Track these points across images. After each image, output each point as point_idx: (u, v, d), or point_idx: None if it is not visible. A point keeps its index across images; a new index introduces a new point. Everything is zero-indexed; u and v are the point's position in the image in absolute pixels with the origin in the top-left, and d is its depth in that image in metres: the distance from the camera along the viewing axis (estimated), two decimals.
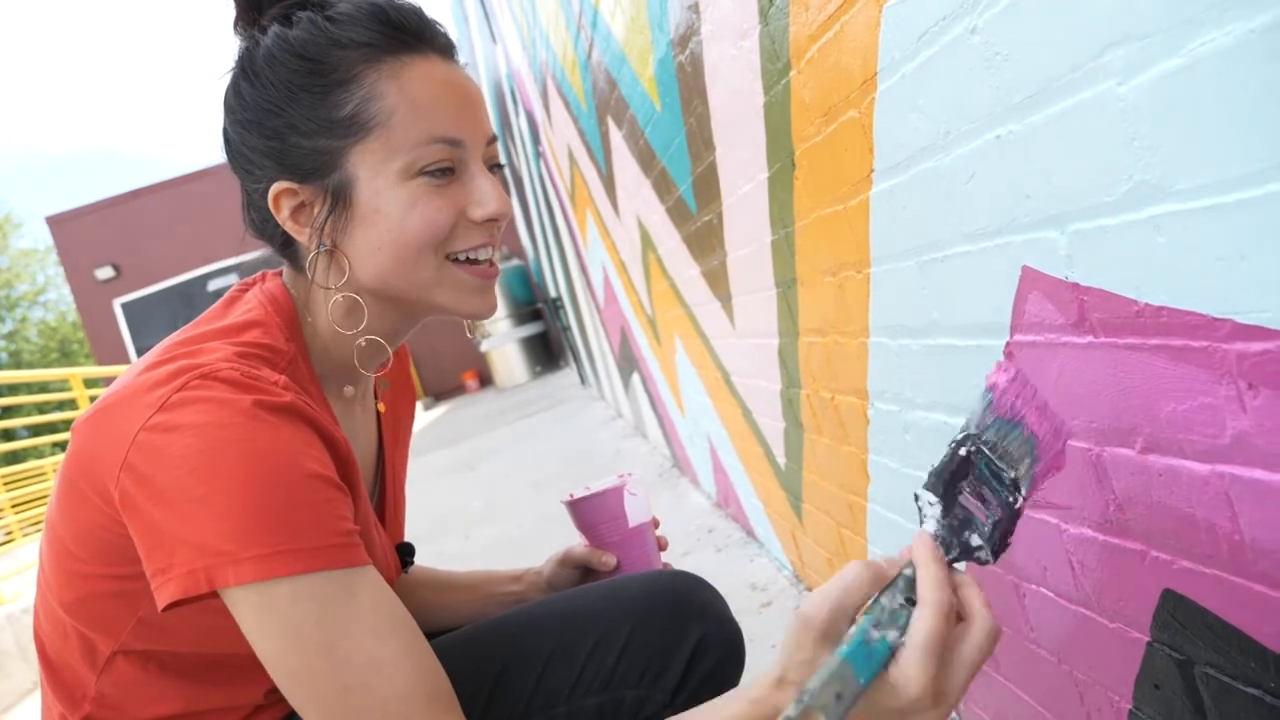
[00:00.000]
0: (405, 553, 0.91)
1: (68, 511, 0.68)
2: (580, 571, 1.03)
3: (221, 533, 0.59)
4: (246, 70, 0.73)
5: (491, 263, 0.77)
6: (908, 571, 0.55)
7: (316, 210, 0.73)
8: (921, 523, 0.58)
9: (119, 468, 0.62)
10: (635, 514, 0.97)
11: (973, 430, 0.60)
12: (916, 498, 0.59)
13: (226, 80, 0.75)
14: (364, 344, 0.77)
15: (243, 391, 0.63)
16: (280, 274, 0.80)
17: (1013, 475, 0.59)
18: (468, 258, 0.75)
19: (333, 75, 0.70)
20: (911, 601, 0.52)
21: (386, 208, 0.71)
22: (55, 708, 0.75)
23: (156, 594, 0.61)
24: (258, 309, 0.74)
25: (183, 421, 0.61)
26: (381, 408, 0.89)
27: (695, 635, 0.89)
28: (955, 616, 0.51)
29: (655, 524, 1.03)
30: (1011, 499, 0.58)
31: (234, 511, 0.59)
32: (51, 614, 0.73)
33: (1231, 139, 0.52)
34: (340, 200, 0.72)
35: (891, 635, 0.51)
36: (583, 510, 0.98)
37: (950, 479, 0.58)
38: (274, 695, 0.77)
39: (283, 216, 0.73)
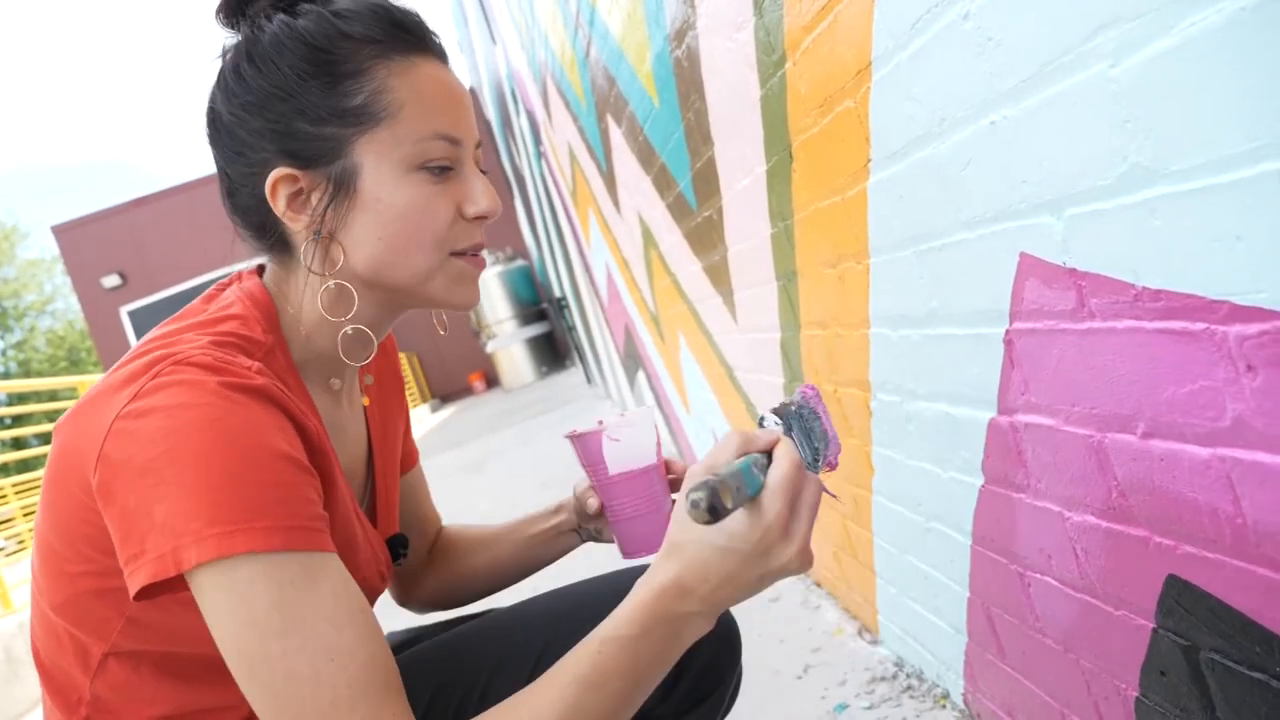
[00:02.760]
0: (399, 544, 0.91)
1: (52, 511, 0.69)
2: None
3: (188, 512, 0.59)
4: (251, 55, 0.73)
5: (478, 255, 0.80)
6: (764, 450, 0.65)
7: (316, 197, 0.73)
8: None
9: (96, 460, 0.62)
10: (617, 461, 0.88)
11: (793, 405, 0.71)
12: (762, 420, 0.69)
13: (223, 63, 0.75)
14: (350, 332, 0.77)
15: (212, 373, 0.64)
16: (257, 272, 0.81)
17: (813, 449, 0.71)
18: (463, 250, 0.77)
19: (344, 66, 0.72)
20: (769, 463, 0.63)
21: (389, 197, 0.72)
22: (55, 714, 0.75)
23: (129, 582, 0.60)
24: (235, 304, 0.75)
25: (153, 406, 0.62)
26: (366, 401, 0.89)
27: None
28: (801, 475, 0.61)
29: (663, 468, 0.92)
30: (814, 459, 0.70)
31: (200, 489, 0.59)
32: (44, 618, 0.73)
33: (1225, 119, 0.52)
34: (343, 188, 0.72)
35: (761, 478, 0.61)
36: (575, 449, 0.91)
37: (785, 419, 0.69)
38: None
39: (278, 203, 0.73)
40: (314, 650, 0.59)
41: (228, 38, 0.76)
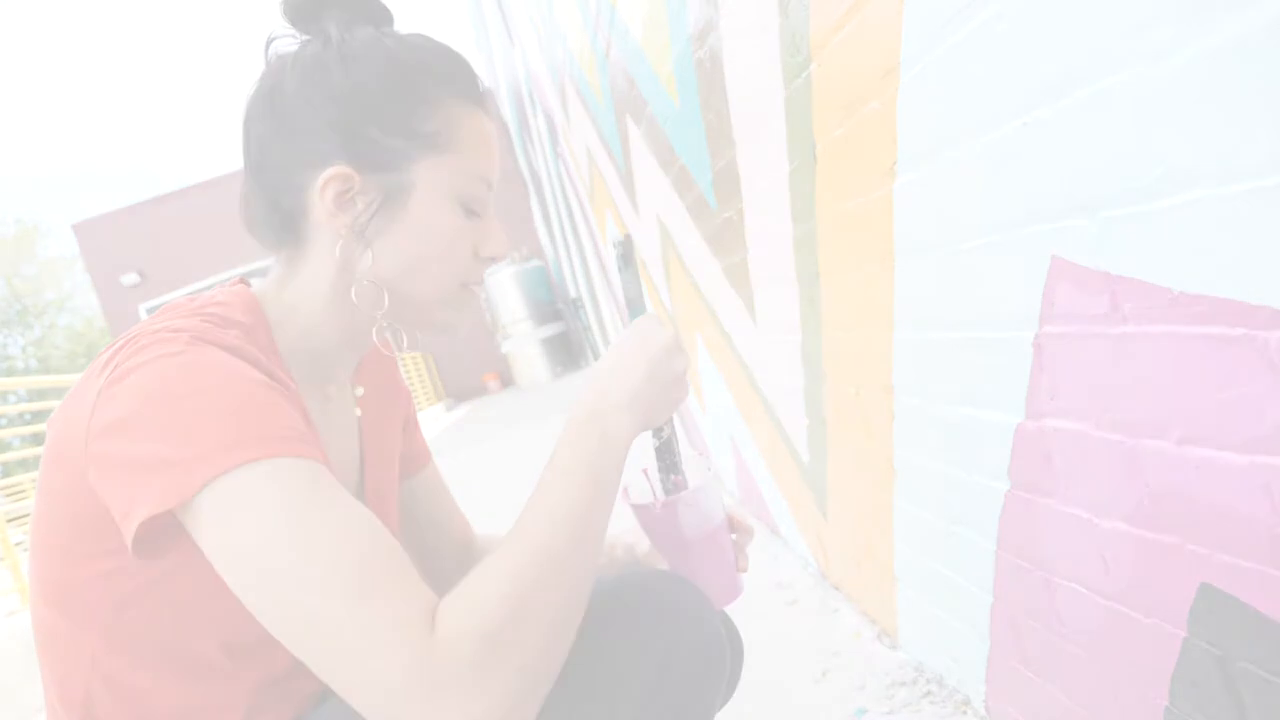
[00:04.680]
0: None
1: (47, 500, 0.71)
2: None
3: (181, 442, 0.61)
4: (343, 51, 0.77)
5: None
6: None
7: (362, 202, 0.77)
8: None
9: (86, 434, 0.65)
10: (691, 526, 0.83)
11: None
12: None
13: (302, 49, 0.78)
14: (384, 325, 0.81)
15: (184, 333, 0.68)
16: (239, 281, 0.84)
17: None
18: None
19: (425, 93, 0.77)
20: None
21: (430, 219, 0.77)
22: (56, 712, 0.76)
23: (125, 527, 0.61)
24: (219, 295, 0.79)
25: (130, 367, 0.65)
26: (358, 411, 0.90)
27: (663, 641, 0.81)
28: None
29: (730, 526, 0.87)
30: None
31: (186, 422, 0.62)
32: (37, 613, 0.75)
33: (1267, 120, 0.51)
34: (392, 200, 0.77)
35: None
36: (637, 516, 0.87)
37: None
38: (268, 694, 0.77)
39: (326, 197, 0.76)
40: (327, 540, 0.60)
41: (277, 30, 0.79)
